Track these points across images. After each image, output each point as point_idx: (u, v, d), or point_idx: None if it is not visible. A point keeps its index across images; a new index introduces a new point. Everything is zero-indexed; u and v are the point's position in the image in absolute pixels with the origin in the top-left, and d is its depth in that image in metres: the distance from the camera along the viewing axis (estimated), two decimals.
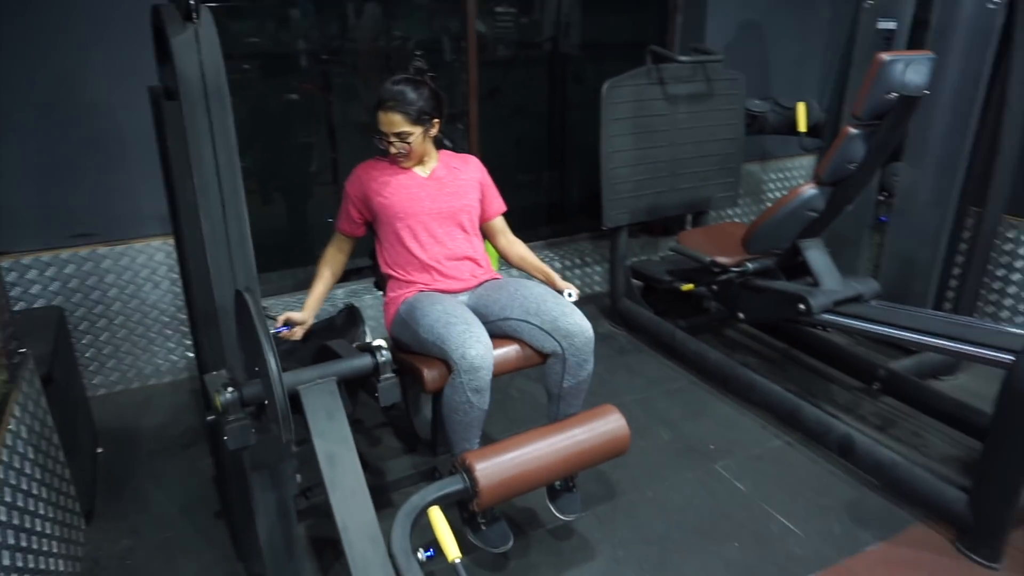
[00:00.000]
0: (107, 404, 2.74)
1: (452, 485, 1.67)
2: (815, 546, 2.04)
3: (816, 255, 2.55)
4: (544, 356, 1.91)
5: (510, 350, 1.89)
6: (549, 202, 3.97)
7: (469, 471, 1.65)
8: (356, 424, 2.60)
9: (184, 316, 2.85)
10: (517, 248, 2.27)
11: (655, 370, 3.02)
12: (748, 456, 2.45)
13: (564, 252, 3.68)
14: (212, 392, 1.45)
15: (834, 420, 2.40)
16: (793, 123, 3.17)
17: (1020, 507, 1.92)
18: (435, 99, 2.01)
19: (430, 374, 1.80)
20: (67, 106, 2.43)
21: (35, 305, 2.56)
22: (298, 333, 1.97)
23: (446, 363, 1.80)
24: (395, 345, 2.03)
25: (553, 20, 3.63)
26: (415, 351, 1.93)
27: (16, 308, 2.53)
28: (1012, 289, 3.09)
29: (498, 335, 1.93)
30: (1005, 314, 3.14)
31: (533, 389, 2.85)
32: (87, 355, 2.73)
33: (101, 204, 2.59)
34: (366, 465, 2.33)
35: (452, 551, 1.57)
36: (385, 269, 2.10)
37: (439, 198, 2.07)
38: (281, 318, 1.95)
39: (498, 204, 2.25)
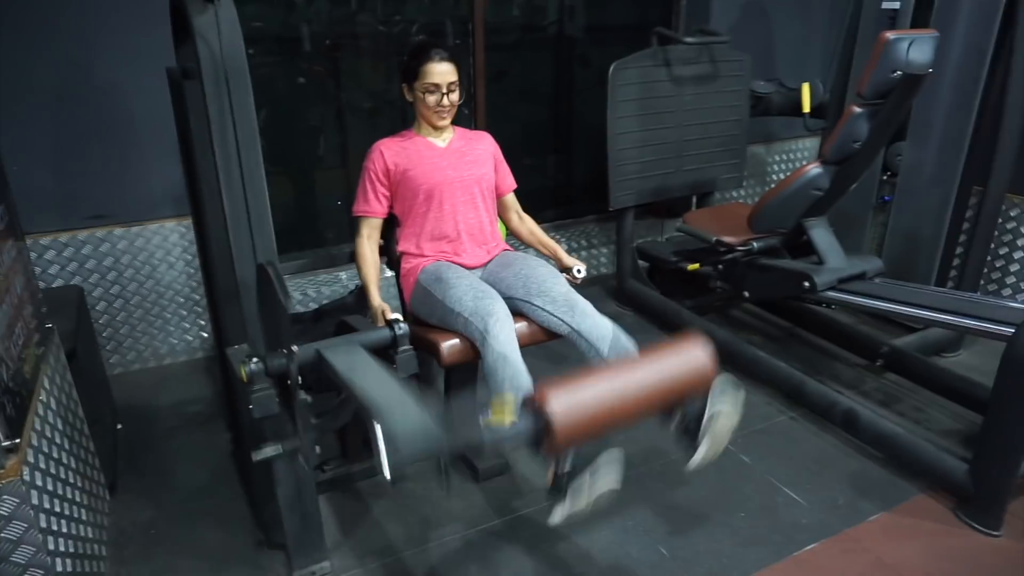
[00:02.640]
0: (124, 382, 2.80)
1: (517, 427, 1.35)
2: (819, 516, 2.10)
3: (820, 234, 2.59)
4: (550, 335, 1.95)
5: (519, 327, 1.93)
6: (556, 184, 4.00)
7: (539, 406, 1.32)
8: None
9: (198, 296, 2.90)
10: (528, 224, 2.33)
11: None
12: (753, 431, 2.50)
13: (571, 234, 3.72)
14: (236, 364, 1.50)
15: (838, 395, 2.45)
16: (798, 104, 3.20)
17: (1020, 476, 1.97)
18: None
19: (447, 347, 1.85)
20: (81, 89, 2.47)
21: (53, 285, 2.62)
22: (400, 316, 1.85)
23: (467, 338, 1.86)
24: (414, 320, 2.08)
25: (559, 3, 3.65)
26: (432, 324, 1.98)
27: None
28: (1015, 267, 3.13)
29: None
30: (1007, 291, 3.18)
31: (541, 365, 2.89)
32: (104, 334, 2.78)
33: (116, 186, 2.63)
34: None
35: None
36: (403, 245, 2.13)
37: (460, 166, 2.12)
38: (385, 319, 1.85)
39: (510, 180, 2.30)
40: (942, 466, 2.11)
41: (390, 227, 2.18)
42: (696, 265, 2.98)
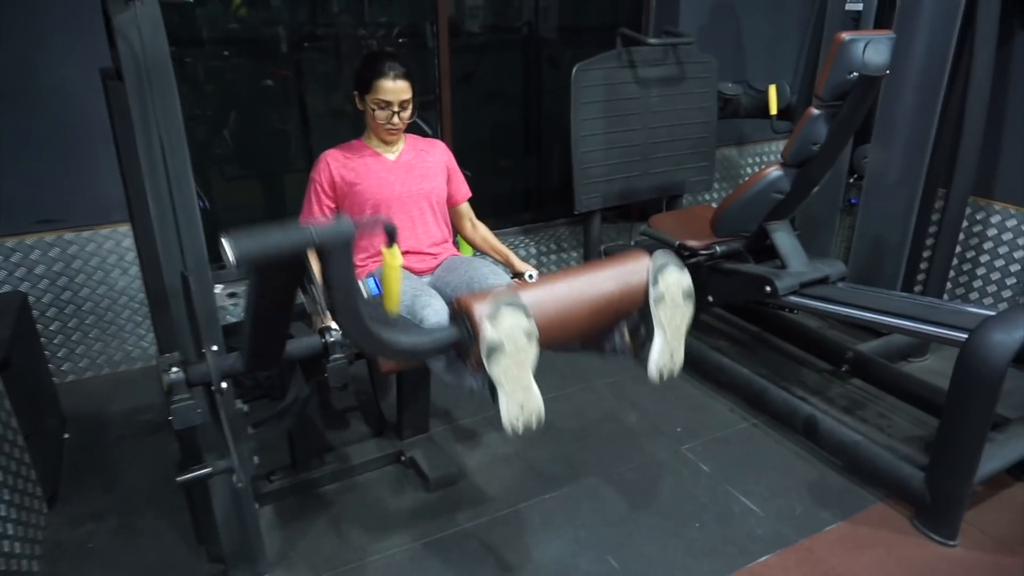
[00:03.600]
0: (76, 390, 2.74)
1: (445, 333, 1.39)
2: (775, 526, 2.06)
3: (783, 237, 2.56)
4: None
5: None
6: (525, 188, 3.96)
7: (468, 315, 1.33)
8: (324, 408, 2.60)
9: None
10: (480, 231, 2.29)
11: None
12: (714, 438, 2.46)
13: (540, 238, 3.68)
14: (160, 372, 1.45)
15: (799, 402, 2.42)
16: (765, 106, 3.17)
17: (975, 484, 1.94)
18: None
19: None
20: (27, 90, 2.41)
21: (1, 291, 2.55)
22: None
23: None
24: None
25: (529, 2, 3.61)
26: None
27: None
28: (981, 270, 3.10)
29: None
30: (975, 295, 3.16)
31: None
32: (55, 341, 2.72)
33: (65, 190, 2.57)
34: (331, 449, 2.36)
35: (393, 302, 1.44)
36: None
37: (409, 181, 2.07)
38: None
39: (464, 189, 2.26)
40: (899, 474, 2.08)
41: None
42: None
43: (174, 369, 1.40)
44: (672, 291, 1.49)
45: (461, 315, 1.37)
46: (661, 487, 2.22)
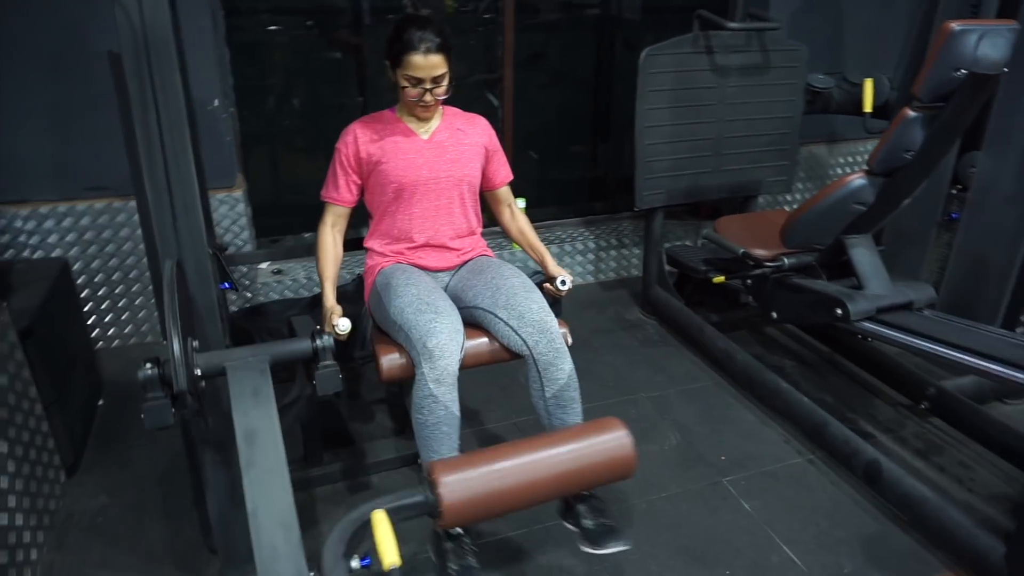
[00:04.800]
0: (119, 356, 2.77)
1: (411, 497, 1.41)
2: None
3: (861, 254, 2.26)
4: (512, 354, 1.74)
5: (482, 342, 1.75)
6: (590, 177, 3.75)
7: (433, 483, 1.39)
8: (353, 399, 2.53)
9: None
10: (519, 222, 2.11)
11: (678, 366, 2.80)
12: (762, 472, 2.22)
13: (601, 232, 3.47)
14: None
15: (862, 441, 2.14)
16: (859, 102, 2.82)
17: None
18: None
19: (387, 361, 1.68)
20: (78, 58, 2.40)
21: (52, 255, 2.60)
22: (344, 326, 1.75)
23: (409, 355, 1.68)
24: (373, 323, 1.92)
25: None
26: (387, 332, 1.81)
27: (34, 256, 2.58)
28: None
29: (471, 323, 1.78)
30: None
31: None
32: (102, 307, 2.76)
33: (114, 158, 2.56)
34: (352, 442, 2.28)
35: (389, 556, 1.45)
36: (369, 240, 1.97)
37: (438, 165, 1.90)
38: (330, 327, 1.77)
39: (505, 172, 2.08)
40: (974, 544, 1.79)
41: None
42: (722, 278, 2.69)
43: (148, 365, 1.31)
44: None
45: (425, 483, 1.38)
46: (692, 522, 2.02)
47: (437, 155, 1.90)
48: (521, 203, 3.01)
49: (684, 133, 2.83)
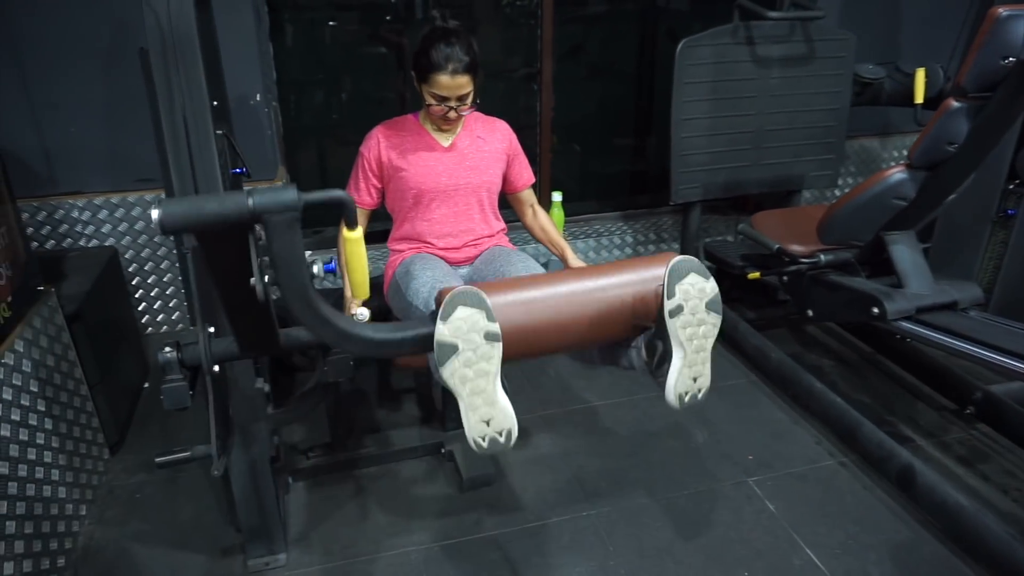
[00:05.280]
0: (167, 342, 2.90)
1: (423, 329, 1.23)
2: None
3: (902, 251, 2.17)
4: None
5: None
6: (631, 171, 3.70)
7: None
8: (383, 387, 2.57)
9: None
10: (540, 220, 2.12)
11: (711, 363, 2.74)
12: (790, 473, 2.16)
13: (640, 226, 3.42)
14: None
15: (897, 445, 2.06)
16: (911, 92, 2.70)
17: None
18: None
19: None
20: (126, 52, 2.51)
21: (106, 244, 2.74)
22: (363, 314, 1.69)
23: None
24: (392, 314, 1.96)
25: None
26: (403, 319, 1.84)
27: (89, 245, 2.72)
28: None
29: None
30: None
31: (569, 368, 2.69)
32: (152, 294, 2.89)
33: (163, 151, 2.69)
34: (377, 431, 2.33)
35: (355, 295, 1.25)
36: (390, 240, 2.01)
37: (457, 173, 1.94)
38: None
39: (527, 175, 2.10)
40: (1013, 557, 1.70)
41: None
42: (757, 274, 2.62)
43: (167, 348, 1.38)
44: (692, 302, 1.26)
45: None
46: (714, 522, 1.98)
47: (457, 163, 1.93)
48: (557, 196, 3.02)
49: (722, 126, 2.76)
